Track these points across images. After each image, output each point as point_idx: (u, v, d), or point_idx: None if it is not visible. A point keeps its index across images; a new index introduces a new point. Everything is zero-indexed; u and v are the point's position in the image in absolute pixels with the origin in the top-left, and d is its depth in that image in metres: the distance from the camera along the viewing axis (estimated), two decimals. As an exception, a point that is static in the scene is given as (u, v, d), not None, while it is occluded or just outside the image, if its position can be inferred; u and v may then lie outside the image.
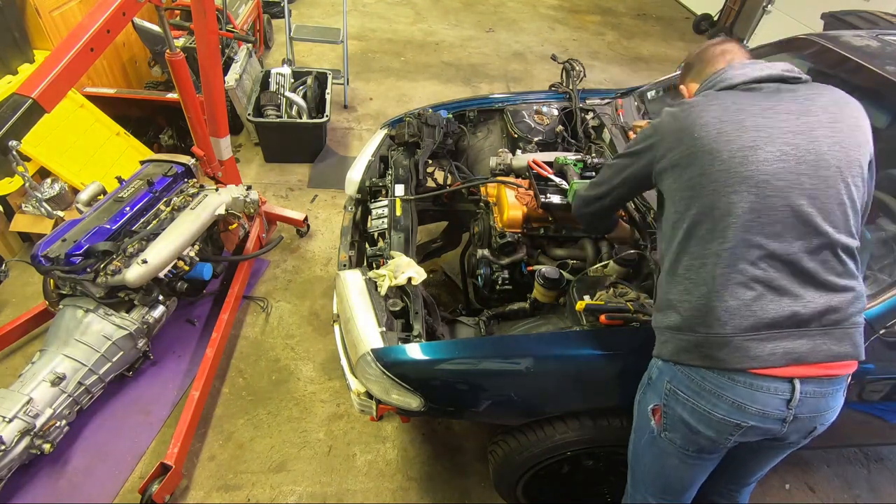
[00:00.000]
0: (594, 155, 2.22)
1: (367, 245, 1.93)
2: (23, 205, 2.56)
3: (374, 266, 1.75)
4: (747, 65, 1.26)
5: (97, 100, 2.98)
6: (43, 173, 2.61)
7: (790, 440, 1.19)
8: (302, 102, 3.52)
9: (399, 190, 2.02)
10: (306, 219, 2.99)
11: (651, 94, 2.47)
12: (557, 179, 1.94)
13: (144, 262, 1.92)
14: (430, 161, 2.33)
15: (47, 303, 2.09)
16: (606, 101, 2.54)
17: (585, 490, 1.81)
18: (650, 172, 1.27)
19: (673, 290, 1.18)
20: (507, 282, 1.88)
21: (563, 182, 1.92)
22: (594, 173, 1.95)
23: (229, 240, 2.64)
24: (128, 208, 2.12)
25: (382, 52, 5.25)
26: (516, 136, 2.37)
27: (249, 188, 2.54)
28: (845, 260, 1.11)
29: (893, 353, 1.41)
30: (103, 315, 1.96)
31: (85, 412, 2.00)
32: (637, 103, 2.44)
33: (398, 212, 1.92)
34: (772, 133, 1.11)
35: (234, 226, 2.51)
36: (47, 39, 2.80)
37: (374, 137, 2.38)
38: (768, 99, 1.16)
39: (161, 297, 2.10)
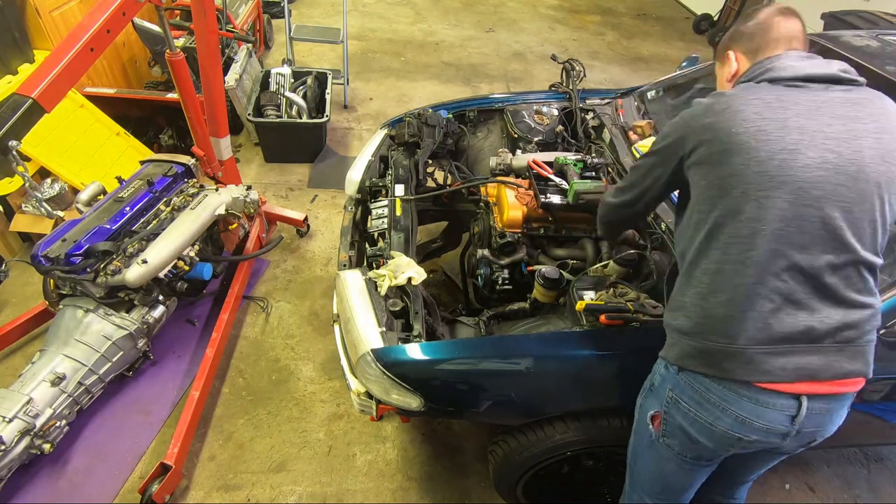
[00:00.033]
0: (594, 155, 2.22)
1: (367, 245, 1.93)
2: (23, 205, 2.56)
3: (374, 266, 1.75)
4: (804, 58, 1.14)
5: (97, 100, 2.98)
6: (43, 173, 2.61)
7: (788, 448, 1.18)
8: (302, 102, 3.52)
9: (399, 190, 2.02)
10: (306, 219, 2.99)
11: (651, 94, 2.47)
12: (557, 179, 1.94)
13: (144, 262, 1.92)
14: (430, 161, 2.33)
15: (47, 303, 2.09)
16: (606, 101, 2.54)
17: (585, 490, 1.81)
18: (682, 168, 1.17)
19: (688, 292, 1.13)
20: (507, 282, 1.88)
21: (563, 182, 1.92)
22: (594, 173, 1.95)
23: (229, 240, 2.64)
24: (128, 208, 2.12)
25: (382, 52, 5.25)
26: (516, 136, 2.37)
27: (249, 188, 2.54)
28: (867, 277, 1.06)
29: (893, 353, 1.41)
30: (103, 315, 1.96)
31: (85, 412, 2.00)
32: (637, 103, 2.44)
33: (398, 212, 1.92)
34: (815, 137, 1.02)
35: (234, 226, 2.51)
36: (47, 39, 2.80)
37: (374, 137, 2.38)
38: (815, 98, 1.07)
39: (161, 297, 2.10)
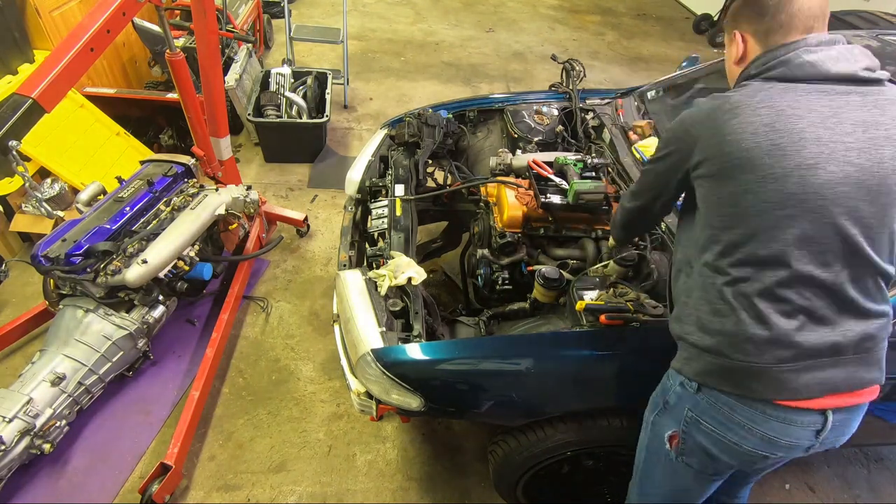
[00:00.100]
0: (594, 155, 2.22)
1: (367, 245, 1.93)
2: (23, 205, 2.56)
3: (374, 266, 1.75)
4: (823, 48, 1.03)
5: (97, 100, 2.98)
6: (43, 173, 2.62)
7: (804, 455, 1.15)
8: (302, 102, 3.52)
9: (399, 190, 2.02)
10: (306, 219, 2.99)
11: (651, 94, 2.47)
12: (557, 179, 1.94)
13: (144, 262, 1.92)
14: (430, 161, 2.32)
15: (47, 303, 2.09)
16: (606, 101, 2.54)
17: (585, 490, 1.81)
18: (688, 177, 1.12)
19: (703, 307, 1.08)
20: (507, 282, 1.88)
21: (563, 182, 1.92)
22: (594, 173, 1.95)
23: (229, 240, 2.64)
24: (128, 208, 2.12)
25: (382, 52, 5.25)
26: (516, 136, 2.36)
27: (249, 188, 2.54)
28: (882, 286, 1.05)
29: (893, 354, 1.41)
30: (103, 315, 1.96)
31: (85, 412, 2.00)
32: (637, 103, 2.44)
33: (398, 212, 1.92)
34: (834, 149, 0.96)
35: (234, 226, 2.51)
36: (47, 39, 2.80)
37: (374, 137, 2.38)
38: (831, 104, 0.99)
39: (161, 297, 2.10)
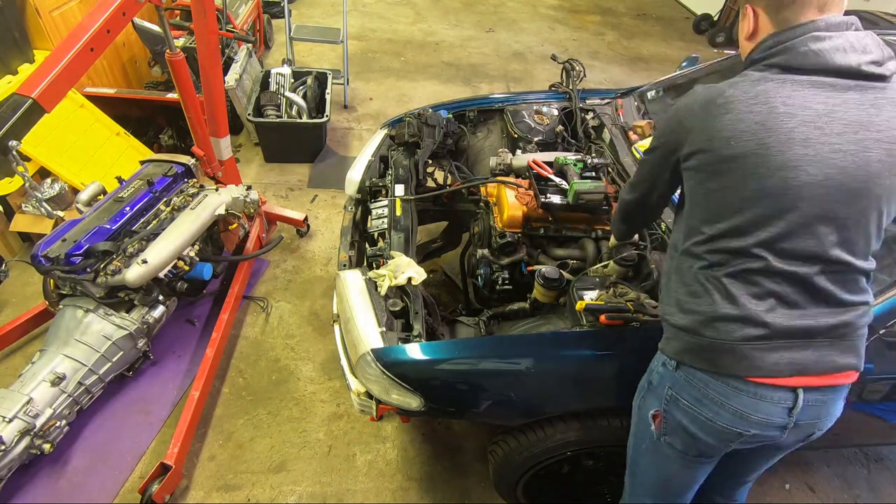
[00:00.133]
0: (594, 155, 2.22)
1: (367, 245, 1.93)
2: (23, 205, 2.56)
3: (374, 266, 1.75)
4: (833, 33, 1.01)
5: (97, 100, 2.98)
6: (43, 173, 2.61)
7: (787, 443, 1.19)
8: (302, 102, 3.52)
9: (399, 190, 2.02)
10: (306, 219, 2.99)
11: (651, 94, 2.47)
12: (557, 179, 1.94)
13: (144, 262, 1.92)
14: (430, 161, 2.32)
15: (47, 303, 2.09)
16: (606, 101, 2.54)
17: (585, 490, 1.81)
18: (678, 167, 1.15)
19: (681, 290, 1.14)
20: (507, 282, 1.88)
21: (563, 182, 1.92)
22: (594, 173, 1.95)
23: (229, 240, 2.64)
24: (128, 208, 2.12)
25: (382, 52, 5.25)
26: (516, 136, 2.36)
27: (249, 188, 2.54)
28: (860, 279, 1.07)
29: (893, 353, 1.41)
30: (103, 315, 1.96)
31: (85, 412, 2.00)
32: (637, 103, 2.44)
33: (398, 212, 1.92)
34: (819, 152, 0.97)
35: (234, 226, 2.51)
36: (47, 39, 2.80)
37: (374, 137, 2.38)
38: (829, 100, 0.99)
39: (161, 297, 2.10)
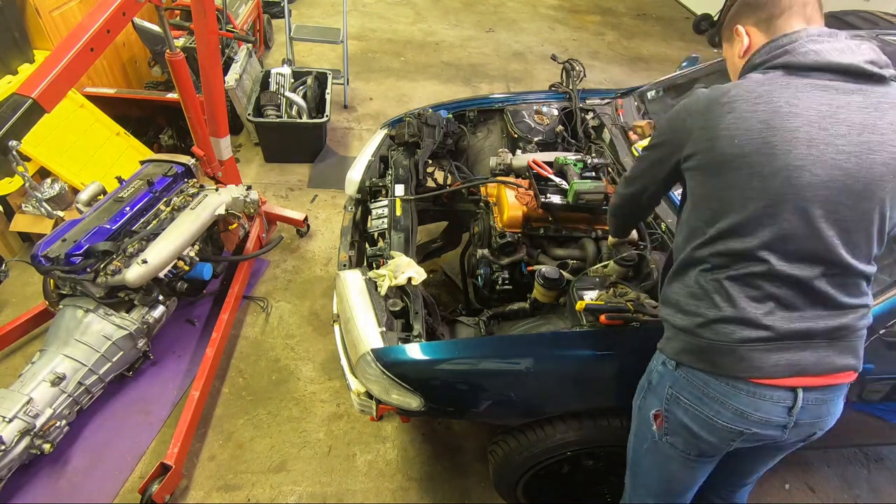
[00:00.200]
0: (594, 155, 2.22)
1: (367, 245, 1.93)
2: (23, 205, 2.56)
3: (374, 266, 1.75)
4: (825, 38, 1.03)
5: (97, 100, 2.98)
6: (43, 173, 2.61)
7: (788, 443, 1.19)
8: (302, 102, 3.52)
9: (399, 190, 2.02)
10: (306, 219, 2.99)
11: (651, 94, 2.47)
12: (557, 179, 1.94)
13: (144, 262, 1.92)
14: (430, 161, 2.32)
15: (47, 303, 2.09)
16: (606, 101, 2.54)
17: (585, 490, 1.81)
18: (679, 168, 1.15)
19: (681, 290, 1.15)
20: (507, 282, 1.88)
21: (563, 182, 1.92)
22: (594, 173, 1.96)
23: (229, 240, 2.64)
24: (128, 208, 2.12)
25: (382, 52, 5.25)
26: (516, 136, 2.37)
27: (249, 188, 2.54)
28: (860, 282, 1.07)
29: (893, 353, 1.41)
30: (103, 315, 1.96)
31: (85, 412, 2.00)
32: (637, 103, 2.44)
33: (398, 212, 1.92)
34: (824, 152, 0.97)
35: (234, 226, 2.51)
36: (47, 39, 2.80)
37: (374, 137, 2.38)
38: (831, 102, 0.99)
39: (161, 297, 2.10)
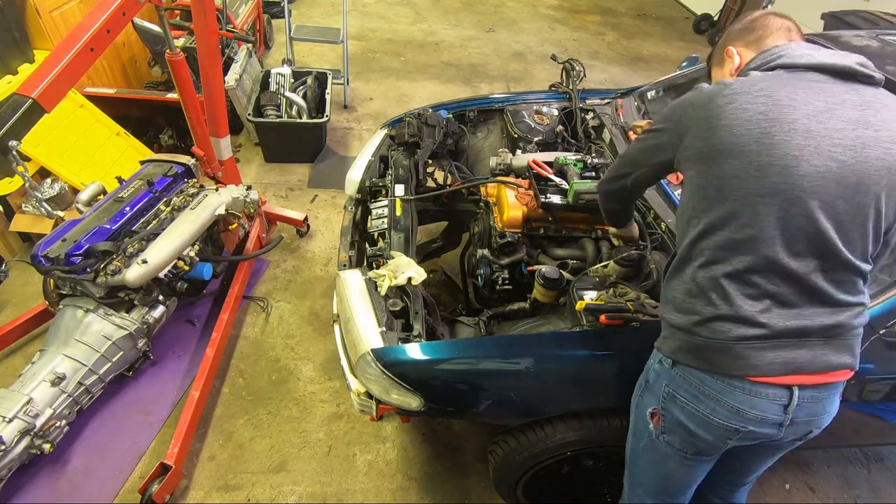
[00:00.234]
0: (594, 155, 2.22)
1: (367, 245, 1.93)
2: (23, 205, 2.56)
3: (374, 266, 1.75)
4: (816, 47, 1.10)
5: (97, 100, 2.98)
6: (43, 173, 2.61)
7: (785, 442, 1.19)
8: (302, 102, 3.52)
9: (399, 190, 2.02)
10: (306, 219, 2.99)
11: (651, 94, 2.47)
12: (557, 179, 1.94)
13: (144, 262, 1.92)
14: (430, 161, 2.32)
15: (47, 303, 2.08)
16: (606, 101, 2.54)
17: (585, 490, 1.81)
18: (673, 158, 1.16)
19: (679, 287, 1.14)
20: (507, 282, 1.88)
21: (563, 182, 1.92)
22: (594, 173, 1.96)
23: (229, 240, 2.64)
24: (128, 208, 2.12)
25: (382, 52, 5.25)
26: (516, 136, 2.37)
27: (249, 188, 2.54)
28: (856, 280, 1.07)
29: (893, 353, 1.41)
30: (103, 315, 1.96)
31: (85, 412, 2.00)
32: (637, 103, 2.44)
33: (398, 212, 1.92)
34: (820, 144, 0.99)
35: (234, 226, 2.51)
36: (47, 39, 2.80)
37: (374, 137, 2.38)
38: (828, 99, 1.03)
39: (161, 297, 2.10)
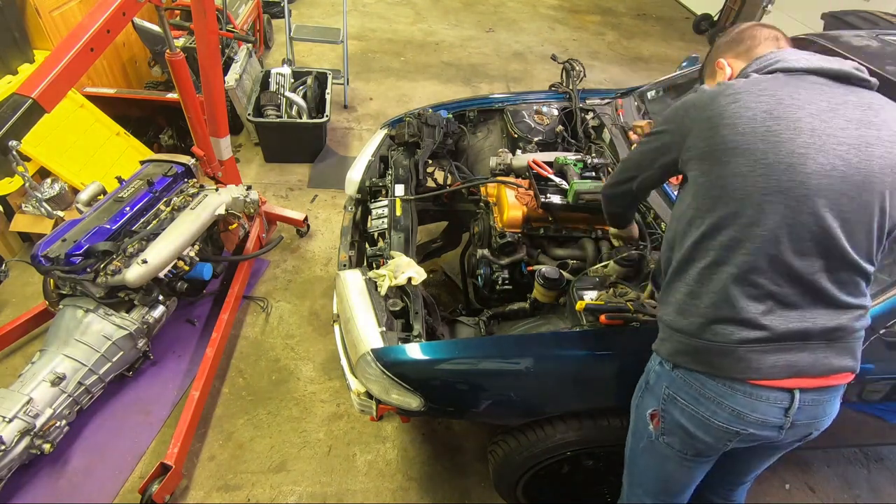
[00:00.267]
0: (594, 155, 2.22)
1: (367, 245, 1.93)
2: (23, 205, 2.56)
3: (374, 266, 1.75)
4: (809, 53, 1.11)
5: (97, 100, 2.98)
6: (43, 173, 2.61)
7: (785, 443, 1.19)
8: (302, 102, 3.52)
9: (399, 190, 2.02)
10: (306, 219, 2.99)
11: (651, 94, 2.47)
12: (557, 179, 1.94)
13: (144, 262, 1.92)
14: (430, 161, 2.32)
15: (47, 303, 2.08)
16: (606, 101, 2.54)
17: (585, 490, 1.81)
18: (677, 159, 1.15)
19: (680, 289, 1.13)
20: (507, 282, 1.88)
21: (563, 182, 1.92)
22: (594, 173, 1.96)
23: (229, 240, 2.64)
24: (128, 208, 2.12)
25: (382, 52, 5.25)
26: (516, 136, 2.37)
27: (249, 188, 2.54)
28: (859, 281, 1.07)
29: (893, 353, 1.41)
30: (103, 315, 1.96)
31: (85, 412, 2.00)
32: (637, 103, 2.44)
33: (398, 212, 1.92)
34: (826, 142, 0.99)
35: (234, 226, 2.51)
36: (47, 39, 2.80)
37: (374, 137, 2.38)
38: (830, 100, 1.03)
39: (161, 297, 2.10)
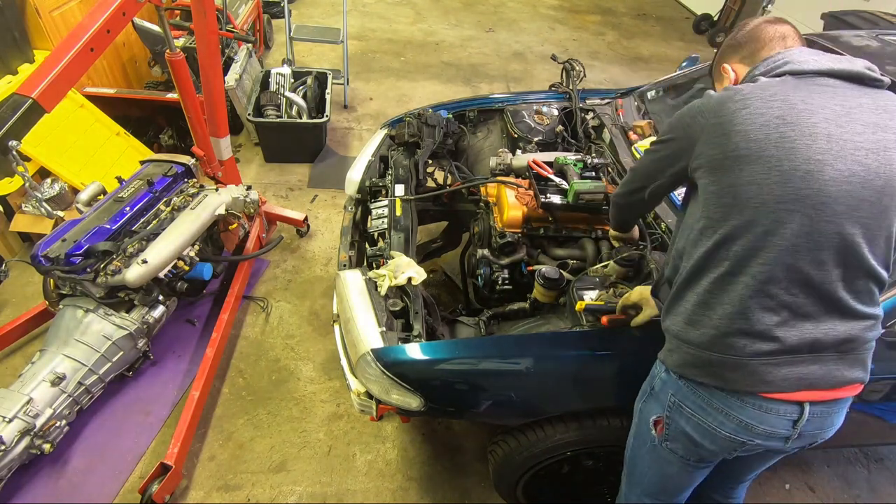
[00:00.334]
0: (594, 155, 2.22)
1: (367, 245, 1.93)
2: (23, 205, 2.56)
3: (374, 266, 1.75)
4: (819, 52, 1.07)
5: (97, 100, 2.98)
6: (43, 173, 2.61)
7: (788, 450, 1.18)
8: (302, 102, 3.52)
9: (399, 190, 2.02)
10: (306, 219, 2.99)
11: (651, 94, 2.47)
12: (557, 179, 1.94)
13: (144, 262, 1.92)
14: (430, 161, 2.32)
15: (47, 303, 2.09)
16: (606, 101, 2.54)
17: (585, 490, 1.81)
18: (687, 166, 1.11)
19: (690, 299, 1.09)
20: (507, 282, 1.88)
21: (563, 182, 1.92)
22: (594, 173, 1.96)
23: (229, 240, 2.64)
24: (128, 208, 2.12)
25: (382, 52, 5.25)
26: (516, 136, 2.37)
27: (249, 188, 2.54)
28: (874, 289, 1.04)
29: (893, 353, 1.41)
30: (103, 315, 1.96)
31: (85, 412, 2.00)
32: (637, 103, 2.44)
33: (398, 212, 1.92)
34: (843, 147, 0.96)
35: (234, 226, 2.51)
36: (47, 39, 2.80)
37: (374, 137, 2.38)
38: (844, 103, 0.99)
39: (161, 297, 2.10)
